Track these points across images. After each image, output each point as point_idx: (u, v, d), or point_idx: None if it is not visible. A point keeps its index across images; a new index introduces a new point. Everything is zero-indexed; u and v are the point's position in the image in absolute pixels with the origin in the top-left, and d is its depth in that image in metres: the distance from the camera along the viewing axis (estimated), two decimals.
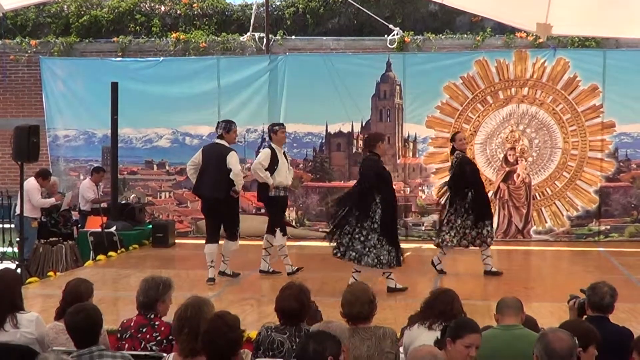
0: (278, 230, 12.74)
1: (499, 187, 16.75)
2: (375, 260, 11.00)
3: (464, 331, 5.78)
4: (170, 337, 6.48)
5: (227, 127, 12.68)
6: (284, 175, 12.62)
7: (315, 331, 5.49)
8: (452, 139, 12.72)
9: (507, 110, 16.71)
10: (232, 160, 12.16)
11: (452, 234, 12.28)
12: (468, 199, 12.16)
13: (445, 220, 12.52)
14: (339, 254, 11.30)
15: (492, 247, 15.82)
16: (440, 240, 12.55)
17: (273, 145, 12.68)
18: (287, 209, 14.84)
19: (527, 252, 15.65)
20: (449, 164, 16.04)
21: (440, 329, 6.24)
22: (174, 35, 18.79)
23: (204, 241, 12.56)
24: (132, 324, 6.73)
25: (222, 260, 12.83)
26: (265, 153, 12.63)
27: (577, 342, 5.06)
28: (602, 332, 6.23)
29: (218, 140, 12.64)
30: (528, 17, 11.88)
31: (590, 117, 16.46)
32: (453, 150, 12.52)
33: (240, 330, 5.49)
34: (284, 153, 12.84)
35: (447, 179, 13.06)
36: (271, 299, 6.77)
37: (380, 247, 10.98)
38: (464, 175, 12.23)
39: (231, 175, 12.08)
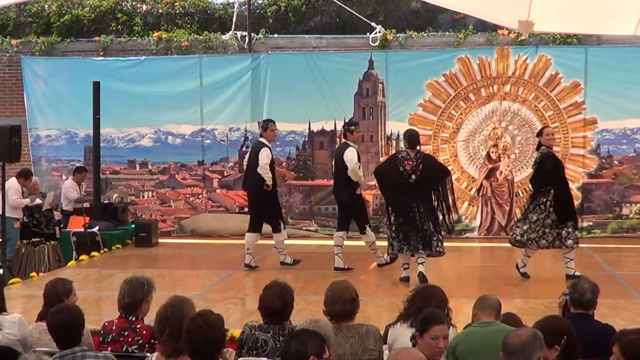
0: (367, 227, 12.94)
1: (481, 184, 16.78)
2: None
3: (428, 324, 5.85)
4: (153, 341, 6.45)
5: (264, 126, 13.38)
6: (363, 174, 13.04)
7: (299, 330, 5.48)
8: (539, 134, 12.34)
9: (489, 108, 16.74)
10: (261, 155, 12.82)
11: (525, 229, 11.91)
12: (550, 196, 11.72)
13: (522, 217, 12.25)
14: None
15: (474, 244, 15.94)
16: (514, 238, 12.22)
17: (351, 144, 12.73)
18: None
19: (510, 249, 15.61)
20: None
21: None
22: (156, 34, 18.72)
23: (186, 240, 12.62)
24: (113, 327, 6.70)
25: (278, 252, 13.48)
26: (354, 153, 12.63)
27: (541, 340, 5.07)
28: (584, 329, 6.27)
29: (260, 138, 13.27)
30: (510, 14, 11.85)
31: (572, 114, 16.51)
32: (539, 146, 12.14)
33: (222, 329, 5.48)
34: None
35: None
36: (255, 298, 6.76)
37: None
38: (545, 172, 11.83)
39: (258, 169, 12.75)
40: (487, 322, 6.41)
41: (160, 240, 16.37)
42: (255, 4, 19.01)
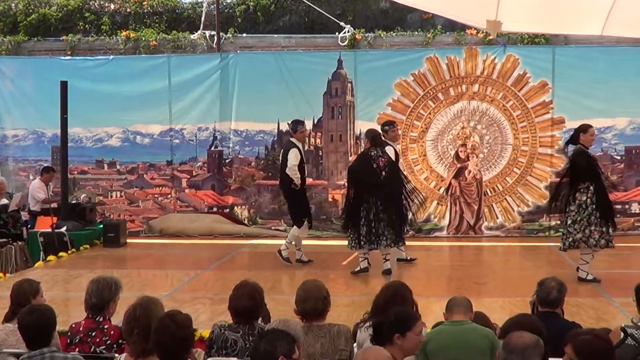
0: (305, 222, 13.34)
1: (450, 183, 16.82)
2: None
3: (411, 321, 5.99)
4: (121, 341, 6.42)
5: (293, 127, 13.55)
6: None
7: (268, 330, 5.48)
8: (583, 130, 12.13)
9: (458, 107, 16.78)
10: (290, 156, 13.05)
11: (570, 231, 11.70)
12: (589, 194, 11.55)
13: (569, 221, 11.77)
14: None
15: (443, 243, 15.99)
16: (564, 244, 11.89)
17: (389, 142, 12.95)
18: (239, 207, 15.56)
19: (478, 248, 15.74)
20: (400, 160, 16.21)
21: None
22: (124, 33, 18.63)
23: (155, 240, 12.62)
24: (81, 328, 6.66)
25: (293, 246, 13.49)
26: (393, 152, 12.88)
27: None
28: (551, 328, 6.29)
29: (291, 138, 13.47)
30: (478, 14, 11.87)
31: (540, 114, 16.59)
32: (574, 142, 11.97)
33: (191, 329, 5.45)
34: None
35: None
36: (224, 298, 6.74)
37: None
38: (580, 169, 11.74)
39: (287, 170, 13.08)
40: (457, 320, 6.45)
41: (128, 241, 16.27)
42: (224, 4, 18.96)
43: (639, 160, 16.64)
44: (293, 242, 13.50)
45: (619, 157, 16.72)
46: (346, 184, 13.25)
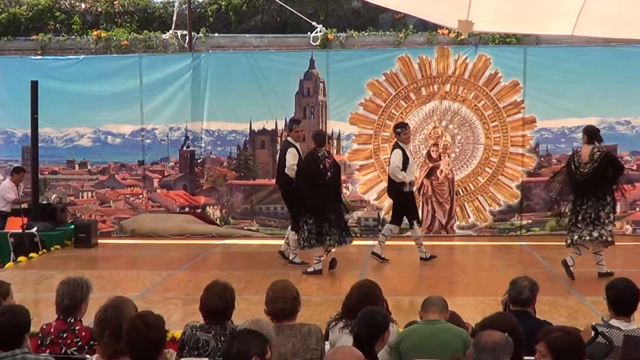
0: (415, 223, 13.43)
1: (422, 183, 16.85)
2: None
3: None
4: (92, 342, 6.38)
5: (289, 126, 13.93)
6: (412, 172, 13.60)
7: (240, 330, 5.46)
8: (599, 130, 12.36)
9: (429, 107, 16.82)
10: (288, 156, 13.15)
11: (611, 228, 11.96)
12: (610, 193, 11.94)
13: (607, 219, 11.85)
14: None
15: (413, 243, 16.00)
16: (607, 238, 11.93)
17: (402, 145, 13.25)
18: (211, 207, 15.51)
19: (450, 247, 15.78)
20: (372, 160, 16.27)
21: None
22: (95, 33, 18.55)
23: (126, 241, 12.58)
24: (52, 330, 6.61)
25: (291, 250, 13.46)
26: (398, 155, 13.18)
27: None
28: (523, 327, 6.31)
29: (288, 138, 13.64)
30: (449, 14, 11.90)
31: (512, 113, 16.66)
32: (593, 140, 11.98)
33: (162, 329, 5.43)
34: (409, 150, 13.63)
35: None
36: (195, 298, 6.72)
37: None
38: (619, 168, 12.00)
39: (285, 170, 13.12)
40: (432, 320, 6.49)
41: (99, 241, 16.18)
42: (196, 3, 18.92)
43: None
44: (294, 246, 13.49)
45: None
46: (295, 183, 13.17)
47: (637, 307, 6.60)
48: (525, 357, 5.64)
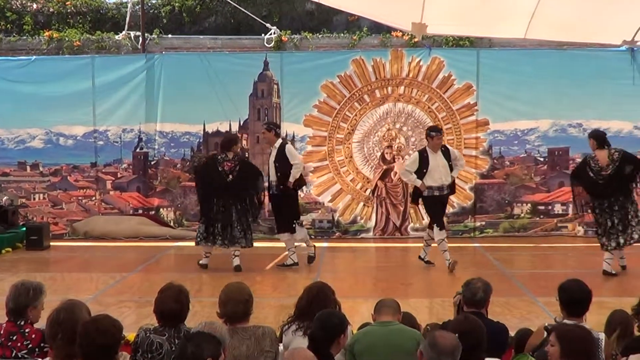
0: (435, 226, 13.16)
1: (376, 185, 16.89)
2: None
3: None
4: (43, 345, 6.33)
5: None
6: (437, 177, 13.10)
7: (194, 332, 5.43)
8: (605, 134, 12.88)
9: (383, 109, 16.86)
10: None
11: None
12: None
13: (636, 218, 12.39)
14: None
15: (369, 244, 16.05)
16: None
17: (427, 149, 13.15)
18: (165, 209, 15.44)
19: (404, 249, 15.82)
20: (327, 162, 16.29)
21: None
22: (47, 33, 18.36)
23: (79, 243, 12.50)
24: (1, 332, 6.54)
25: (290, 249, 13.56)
26: (412, 158, 13.47)
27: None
28: None
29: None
30: (403, 16, 11.95)
31: (465, 115, 16.75)
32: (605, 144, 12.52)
33: (116, 333, 5.39)
34: (442, 154, 13.21)
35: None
36: (149, 301, 6.68)
37: None
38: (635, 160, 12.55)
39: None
40: (385, 321, 6.51)
41: (52, 243, 16.05)
42: (149, 4, 18.82)
43: (561, 162, 16.88)
44: (303, 245, 13.72)
45: (542, 159, 16.95)
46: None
47: (589, 308, 6.68)
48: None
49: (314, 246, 13.65)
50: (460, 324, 5.93)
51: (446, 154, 13.15)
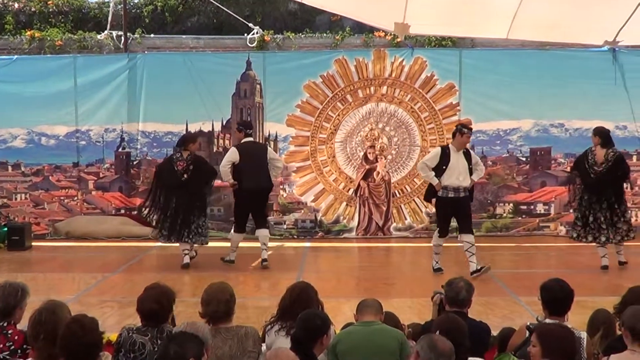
0: (437, 230, 12.96)
1: (359, 185, 16.89)
2: None
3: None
4: (25, 346, 6.30)
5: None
6: (454, 178, 12.47)
7: (177, 332, 5.43)
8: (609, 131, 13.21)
9: (366, 109, 16.87)
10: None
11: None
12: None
13: (623, 218, 12.82)
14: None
15: (352, 244, 16.04)
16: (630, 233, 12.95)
17: (451, 146, 12.67)
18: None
19: (387, 249, 15.84)
20: (309, 162, 16.28)
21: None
22: (29, 33, 18.28)
23: (61, 243, 12.44)
24: None
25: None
26: (433, 152, 12.95)
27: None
28: None
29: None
30: (386, 16, 11.97)
31: (448, 115, 16.77)
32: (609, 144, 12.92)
33: (98, 333, 5.39)
34: (464, 155, 12.64)
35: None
36: (131, 301, 6.67)
37: None
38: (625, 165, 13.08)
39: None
40: (367, 321, 6.53)
41: (33, 244, 15.98)
42: (131, 4, 18.77)
43: (543, 162, 16.94)
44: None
45: (524, 159, 17.00)
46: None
47: (570, 307, 6.70)
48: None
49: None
50: (443, 323, 5.96)
51: (467, 156, 12.68)
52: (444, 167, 12.44)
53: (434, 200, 12.98)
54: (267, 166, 13.43)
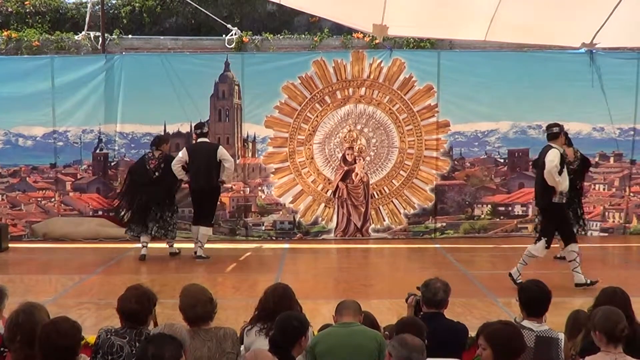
0: (543, 241, 11.82)
1: (337, 186, 16.89)
2: None
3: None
4: (2, 349, 6.26)
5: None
6: (564, 181, 11.57)
7: (155, 334, 5.41)
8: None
9: (344, 110, 16.87)
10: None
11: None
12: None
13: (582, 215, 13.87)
14: None
15: (330, 245, 16.05)
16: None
17: (555, 146, 11.58)
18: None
19: (366, 250, 15.85)
20: (288, 163, 16.26)
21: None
22: (5, 33, 18.17)
23: (38, 245, 12.36)
24: None
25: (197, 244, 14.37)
26: (556, 154, 11.44)
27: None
28: (437, 328, 6.46)
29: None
30: (364, 17, 12.01)
31: (426, 117, 16.79)
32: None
33: (76, 335, 5.36)
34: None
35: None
36: (109, 303, 6.65)
37: None
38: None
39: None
40: (346, 322, 6.54)
41: (10, 245, 15.88)
42: (109, 4, 18.71)
43: (521, 163, 16.98)
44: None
45: (502, 160, 17.05)
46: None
47: (548, 309, 6.72)
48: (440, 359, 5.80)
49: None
50: (401, 326, 6.04)
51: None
52: (561, 171, 11.53)
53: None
54: (213, 166, 14.21)
